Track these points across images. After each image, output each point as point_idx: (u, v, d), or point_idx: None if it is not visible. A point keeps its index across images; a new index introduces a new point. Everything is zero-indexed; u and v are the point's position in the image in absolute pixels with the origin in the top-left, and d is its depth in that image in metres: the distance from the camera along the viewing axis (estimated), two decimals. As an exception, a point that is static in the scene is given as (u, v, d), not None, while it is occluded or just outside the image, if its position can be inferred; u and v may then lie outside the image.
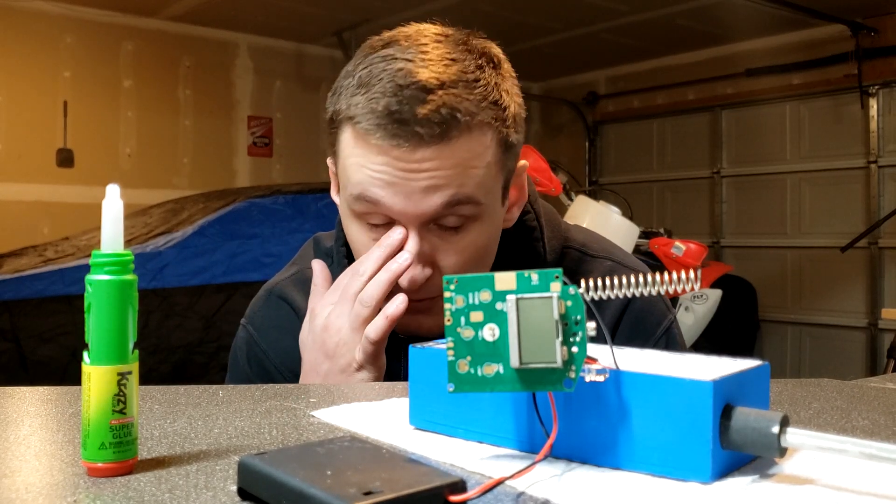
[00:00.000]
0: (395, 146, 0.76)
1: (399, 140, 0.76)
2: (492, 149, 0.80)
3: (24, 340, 2.93)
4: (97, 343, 0.46)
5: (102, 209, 0.47)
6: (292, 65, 5.62)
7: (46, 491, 0.43)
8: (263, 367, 0.96)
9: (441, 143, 0.76)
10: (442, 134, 0.76)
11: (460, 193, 0.78)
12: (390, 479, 0.39)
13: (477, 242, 0.83)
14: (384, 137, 0.76)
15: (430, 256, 0.81)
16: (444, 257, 0.81)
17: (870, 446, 0.42)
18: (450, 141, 0.77)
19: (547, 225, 0.95)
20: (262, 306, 0.99)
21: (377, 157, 0.78)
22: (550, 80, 6.53)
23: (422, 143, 0.76)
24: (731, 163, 5.49)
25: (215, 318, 3.15)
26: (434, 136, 0.76)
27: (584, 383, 0.46)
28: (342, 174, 0.83)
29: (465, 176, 0.78)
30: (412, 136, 0.75)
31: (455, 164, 0.77)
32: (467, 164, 0.78)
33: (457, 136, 0.77)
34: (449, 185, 0.78)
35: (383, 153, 0.77)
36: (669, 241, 3.38)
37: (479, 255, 0.84)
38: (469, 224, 0.81)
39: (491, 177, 0.81)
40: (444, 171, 0.77)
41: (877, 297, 4.76)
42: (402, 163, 0.77)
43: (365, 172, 0.79)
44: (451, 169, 0.77)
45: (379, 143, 0.77)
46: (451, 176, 0.77)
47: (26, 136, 4.66)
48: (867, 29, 4.65)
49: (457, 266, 0.82)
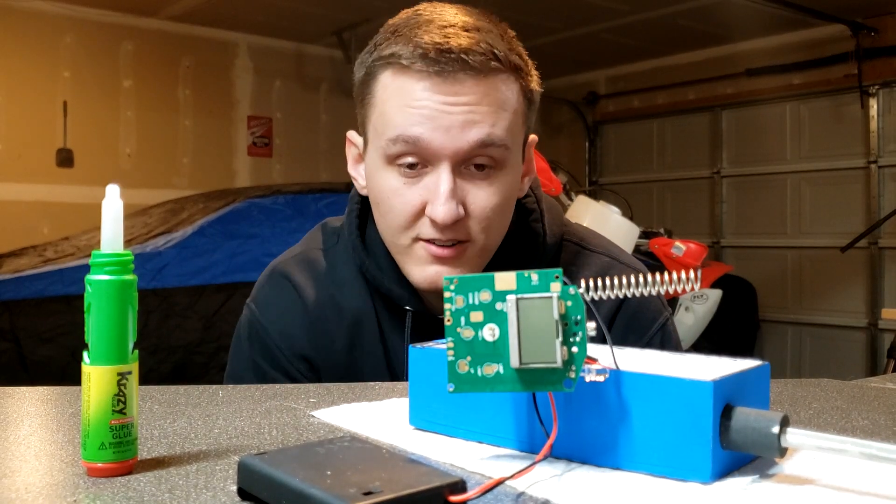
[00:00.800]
0: (437, 73, 0.80)
1: (442, 66, 0.80)
2: (519, 98, 0.85)
3: (24, 340, 2.93)
4: (97, 343, 0.46)
5: (102, 209, 0.47)
6: (292, 65, 5.62)
7: (46, 491, 0.43)
8: (265, 345, 0.96)
9: (480, 77, 0.81)
10: (482, 66, 0.80)
11: (494, 134, 0.82)
12: (390, 479, 0.39)
13: (503, 190, 0.86)
14: (429, 64, 0.80)
15: (462, 197, 0.84)
16: (475, 200, 0.84)
17: (870, 446, 0.42)
18: (487, 76, 0.81)
19: (548, 211, 0.97)
20: (265, 285, 1.00)
21: (419, 90, 0.81)
22: (550, 80, 6.51)
23: (463, 73, 0.80)
24: (731, 163, 5.49)
25: (215, 318, 3.15)
26: (476, 66, 0.80)
27: (584, 383, 0.46)
28: (377, 122, 0.85)
29: (498, 116, 0.82)
30: (455, 62, 0.79)
31: (491, 101, 0.82)
32: (500, 105, 0.83)
33: (494, 72, 0.82)
34: (484, 122, 0.81)
35: (426, 81, 0.81)
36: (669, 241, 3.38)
37: (504, 205, 0.87)
38: (496, 171, 0.85)
39: (517, 125, 0.86)
40: (482, 106, 0.81)
41: (877, 297, 4.75)
42: (442, 95, 0.80)
43: (405, 111, 0.82)
44: (488, 106, 0.81)
45: (422, 69, 0.80)
46: (487, 113, 0.81)
47: (26, 136, 4.66)
48: (867, 29, 4.64)
49: (485, 210, 0.84)
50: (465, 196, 0.84)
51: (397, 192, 0.85)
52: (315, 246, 1.00)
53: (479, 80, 0.81)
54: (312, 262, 0.98)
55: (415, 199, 0.84)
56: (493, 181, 0.85)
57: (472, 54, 0.80)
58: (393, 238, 0.88)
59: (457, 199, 0.83)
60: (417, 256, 0.86)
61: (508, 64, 0.83)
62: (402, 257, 0.88)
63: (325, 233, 1.01)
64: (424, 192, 0.84)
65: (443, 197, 0.82)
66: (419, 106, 0.81)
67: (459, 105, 0.81)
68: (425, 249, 0.85)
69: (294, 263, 0.99)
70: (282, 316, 0.96)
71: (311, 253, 0.99)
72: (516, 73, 0.85)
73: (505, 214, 0.88)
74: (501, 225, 0.88)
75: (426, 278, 0.86)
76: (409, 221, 0.85)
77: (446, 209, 0.81)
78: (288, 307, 0.96)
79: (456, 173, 0.83)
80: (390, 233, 0.88)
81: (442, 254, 0.85)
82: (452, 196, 0.82)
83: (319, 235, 1.01)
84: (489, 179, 0.84)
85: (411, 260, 0.87)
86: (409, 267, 0.88)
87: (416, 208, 0.84)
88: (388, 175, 0.85)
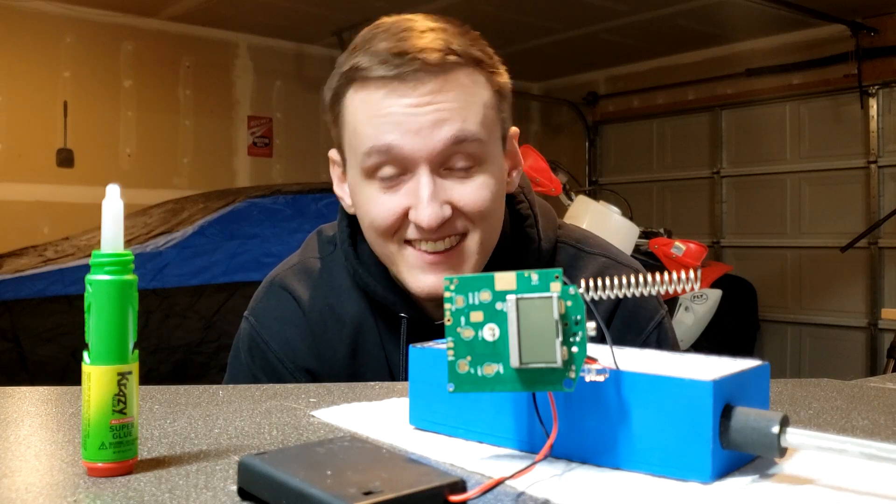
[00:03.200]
0: (397, 77, 0.80)
1: (400, 68, 0.80)
2: (487, 91, 0.85)
3: (24, 340, 2.93)
4: (97, 343, 0.46)
5: (102, 209, 0.47)
6: (292, 65, 5.62)
7: (46, 491, 0.43)
8: (265, 358, 0.95)
9: (440, 74, 0.81)
10: (440, 61, 0.80)
11: (465, 129, 0.81)
12: (390, 479, 0.39)
13: (489, 185, 0.85)
14: (388, 70, 0.80)
15: (447, 197, 0.83)
16: (462, 197, 0.84)
17: (870, 446, 0.42)
18: (448, 72, 0.81)
19: (541, 215, 0.96)
20: (263, 297, 0.99)
21: (382, 98, 0.81)
22: (550, 80, 6.53)
23: (423, 72, 0.80)
24: (731, 163, 5.48)
25: (215, 318, 3.14)
26: (433, 62, 0.80)
27: (584, 383, 0.46)
28: (351, 140, 0.86)
29: (467, 111, 0.82)
30: (413, 61, 0.79)
31: (456, 97, 0.81)
32: (467, 100, 0.82)
33: (454, 66, 0.81)
34: (453, 119, 0.81)
35: (387, 88, 0.81)
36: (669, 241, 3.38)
37: (492, 199, 0.86)
38: (477, 168, 0.84)
39: (490, 119, 0.85)
40: (448, 104, 0.81)
41: (877, 297, 4.75)
42: (406, 98, 0.80)
43: (373, 122, 0.82)
44: (454, 102, 0.81)
45: (382, 75, 0.80)
46: (455, 110, 0.81)
47: (26, 136, 4.66)
48: (867, 29, 4.64)
49: (474, 205, 0.84)
50: (450, 195, 0.83)
51: (378, 201, 0.84)
52: (312, 255, 0.99)
53: (441, 76, 0.81)
54: (310, 271, 0.97)
55: (397, 206, 0.83)
56: (477, 175, 0.84)
57: (429, 52, 0.80)
58: (382, 248, 0.87)
59: (440, 200, 0.82)
60: (410, 264, 0.85)
61: (468, 57, 0.83)
62: (395, 267, 0.88)
63: (321, 241, 1.00)
64: (405, 198, 0.83)
65: (425, 200, 0.81)
66: (385, 114, 0.81)
67: (425, 105, 0.80)
68: (418, 257, 0.85)
69: (292, 274, 0.98)
70: (283, 329, 0.95)
71: (309, 262, 0.98)
72: (479, 66, 0.84)
73: (496, 208, 0.87)
74: (495, 218, 0.88)
75: (423, 287, 0.85)
76: (392, 227, 0.84)
77: (430, 212, 0.81)
78: (288, 319, 0.95)
79: (436, 174, 0.82)
80: (378, 244, 0.88)
81: (436, 260, 0.84)
82: (434, 198, 0.81)
83: (316, 244, 1.00)
84: (473, 174, 0.84)
85: (405, 267, 0.86)
86: (403, 276, 0.87)
87: (399, 214, 0.83)
88: (369, 188, 0.85)
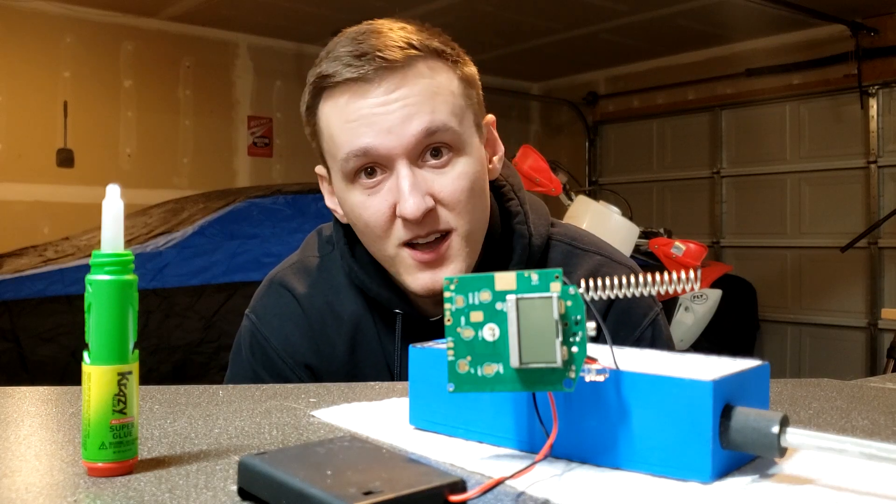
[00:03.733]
0: (360, 77, 0.82)
1: (362, 69, 0.81)
2: (452, 80, 0.86)
3: (24, 340, 2.93)
4: (97, 343, 0.46)
5: (102, 209, 0.47)
6: (292, 65, 5.62)
7: (46, 491, 0.43)
8: (266, 355, 0.96)
9: (403, 69, 0.82)
10: (402, 58, 0.82)
11: (436, 119, 0.83)
12: (390, 479, 0.39)
13: (468, 172, 0.86)
14: (352, 71, 0.82)
15: (428, 188, 0.84)
16: (442, 188, 0.85)
17: (870, 446, 0.42)
18: (409, 66, 0.83)
19: (533, 212, 0.97)
20: (264, 295, 1.00)
21: (350, 101, 0.83)
22: (550, 80, 6.53)
23: (384, 70, 0.81)
24: (731, 163, 5.48)
25: (215, 318, 3.14)
26: (392, 58, 0.81)
27: (584, 383, 0.46)
28: (330, 149, 0.87)
29: (434, 102, 0.83)
30: (372, 60, 0.81)
31: (421, 89, 0.83)
32: (433, 91, 0.83)
33: (414, 60, 0.83)
34: (422, 112, 0.82)
35: (352, 90, 0.83)
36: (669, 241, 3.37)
37: (473, 188, 0.86)
38: (455, 157, 0.85)
39: (459, 107, 0.86)
40: (414, 97, 0.82)
41: (877, 297, 4.75)
42: (372, 98, 0.82)
43: (346, 127, 0.84)
44: (420, 95, 0.82)
45: (347, 78, 0.82)
46: (422, 103, 0.82)
47: (26, 136, 4.65)
48: (867, 29, 4.64)
49: (455, 193, 0.85)
50: (430, 186, 0.84)
51: (364, 204, 0.86)
52: (311, 254, 1.00)
53: (402, 71, 0.82)
54: (310, 270, 0.98)
55: (383, 205, 0.85)
56: (455, 164, 0.85)
57: (387, 49, 0.81)
58: (379, 251, 0.89)
59: (421, 191, 0.83)
60: (406, 265, 0.87)
61: (428, 49, 0.84)
62: (394, 268, 0.89)
63: (320, 241, 1.02)
64: (389, 195, 0.84)
65: (406, 192, 0.82)
66: (356, 117, 0.83)
67: (392, 103, 0.82)
68: (411, 257, 0.86)
69: (292, 273, 0.99)
70: (283, 325, 0.96)
71: (308, 261, 1.00)
72: (440, 57, 0.85)
73: (478, 196, 0.88)
74: (479, 208, 0.88)
75: (421, 286, 0.87)
76: (384, 229, 0.86)
77: (413, 202, 0.82)
78: (288, 316, 0.96)
79: (415, 167, 0.84)
80: (375, 247, 0.89)
81: (427, 258, 0.85)
82: (416, 189, 0.82)
83: (315, 243, 1.02)
84: (451, 164, 0.85)
85: (403, 269, 0.87)
86: (402, 277, 0.88)
87: (387, 213, 0.85)
88: (354, 192, 0.86)
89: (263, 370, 0.95)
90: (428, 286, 0.86)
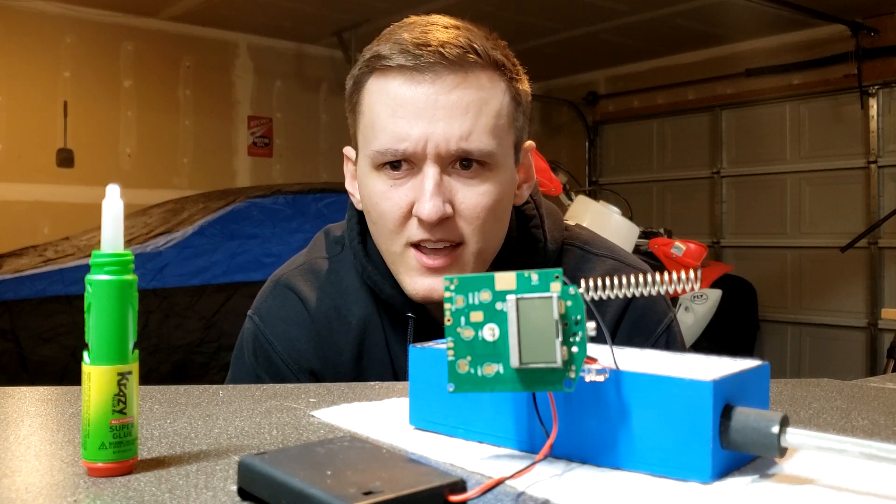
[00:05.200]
0: (415, 66, 0.80)
1: (420, 59, 0.80)
2: (505, 99, 0.85)
3: (24, 340, 2.93)
4: (97, 343, 0.46)
5: (102, 209, 0.47)
6: (292, 65, 5.62)
7: (46, 491, 0.43)
8: (270, 359, 0.94)
9: (459, 71, 0.81)
10: (459, 58, 0.80)
11: (476, 132, 0.81)
12: (390, 479, 0.39)
13: (493, 192, 0.85)
14: (408, 59, 0.81)
15: (450, 196, 0.83)
16: (464, 199, 0.83)
17: (870, 446, 0.42)
18: (468, 70, 0.81)
19: (548, 216, 0.96)
20: (268, 296, 0.98)
21: (400, 87, 0.82)
22: (550, 80, 6.53)
23: (442, 67, 0.80)
24: (731, 163, 5.48)
25: (215, 318, 3.15)
26: (452, 58, 0.80)
27: (584, 383, 0.46)
28: (365, 127, 0.86)
29: (481, 112, 0.82)
30: (433, 54, 0.80)
31: (473, 97, 0.81)
32: (484, 101, 0.82)
33: (473, 66, 0.82)
34: (466, 121, 0.81)
35: (405, 77, 0.81)
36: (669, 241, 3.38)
37: (495, 208, 0.85)
38: (485, 173, 0.84)
39: (503, 128, 0.85)
40: (463, 103, 0.81)
41: (877, 297, 4.75)
42: (423, 89, 0.81)
43: (388, 109, 0.82)
44: (468, 103, 0.81)
45: (402, 64, 0.81)
46: (468, 111, 0.81)
47: (26, 136, 4.66)
48: (867, 29, 4.64)
49: (475, 209, 0.84)
50: (453, 195, 0.83)
51: (384, 194, 0.84)
52: (319, 255, 0.98)
53: (460, 73, 0.81)
54: (317, 272, 0.96)
55: (402, 201, 0.83)
56: (482, 180, 0.84)
57: (450, 47, 0.80)
58: (386, 245, 0.87)
59: (443, 196, 0.82)
60: (409, 266, 0.85)
61: (488, 59, 0.83)
62: (395, 266, 0.88)
63: (329, 241, 1.00)
64: (411, 192, 0.83)
65: (428, 193, 0.81)
66: (401, 102, 0.82)
67: (439, 102, 0.81)
68: (416, 259, 0.85)
69: (298, 274, 0.97)
70: (287, 329, 0.94)
71: (316, 262, 0.97)
72: (499, 70, 0.84)
73: (498, 218, 0.87)
74: (495, 229, 0.87)
75: (418, 290, 0.85)
76: (398, 224, 0.84)
77: (432, 205, 0.81)
78: (293, 319, 0.94)
79: (443, 172, 0.83)
80: (383, 239, 0.87)
81: (433, 264, 0.84)
82: (438, 192, 0.81)
83: (323, 244, 1.00)
84: (479, 178, 0.84)
85: (403, 269, 0.86)
86: (401, 276, 0.87)
87: (404, 210, 0.83)
88: (377, 180, 0.85)
89: (265, 374, 0.94)
90: (426, 292, 0.85)
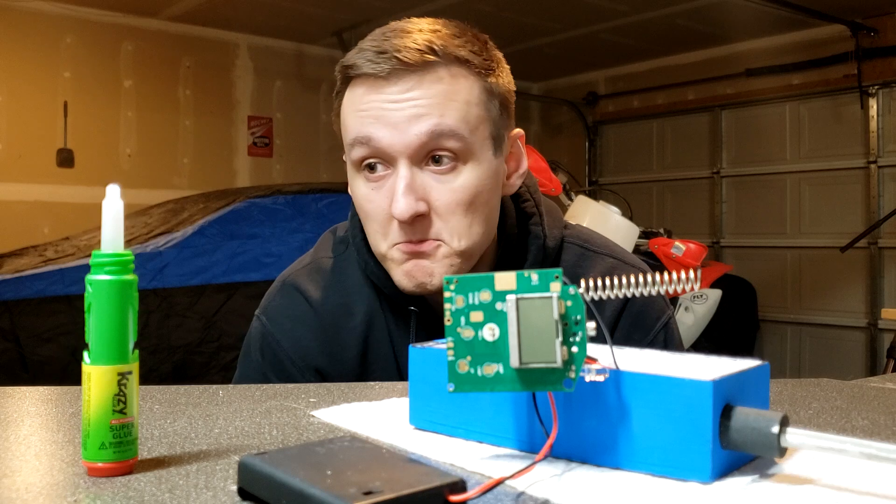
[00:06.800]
0: (378, 73, 0.82)
1: (380, 66, 0.82)
2: (474, 89, 0.85)
3: (24, 340, 2.93)
4: (97, 343, 0.46)
5: (102, 209, 0.47)
6: (292, 65, 5.62)
7: (46, 491, 0.43)
8: (277, 357, 0.95)
9: (419, 72, 0.82)
10: (416, 60, 0.82)
11: (443, 124, 0.82)
12: (390, 479, 0.39)
13: (469, 185, 0.84)
14: (371, 67, 0.83)
15: (424, 193, 0.84)
16: (438, 196, 0.84)
17: (870, 446, 0.42)
18: (426, 70, 0.82)
19: (547, 213, 0.97)
20: (275, 296, 0.99)
21: (365, 93, 0.84)
22: (550, 80, 6.53)
23: (402, 71, 0.82)
24: (731, 163, 5.49)
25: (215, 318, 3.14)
26: (408, 61, 0.81)
27: (584, 383, 0.46)
28: (344, 137, 0.88)
29: (445, 107, 0.83)
30: (390, 60, 0.82)
31: (435, 94, 0.82)
32: (447, 96, 0.83)
33: (432, 65, 0.83)
34: (430, 115, 0.82)
35: (369, 83, 0.84)
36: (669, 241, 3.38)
37: (472, 202, 0.85)
38: (460, 165, 0.84)
39: (474, 116, 0.85)
40: (425, 100, 0.82)
41: (877, 297, 4.75)
42: (385, 94, 0.83)
43: (357, 115, 0.85)
44: (432, 98, 0.82)
45: (367, 72, 0.83)
46: (432, 105, 0.82)
47: (26, 136, 4.65)
48: (867, 29, 4.64)
49: (450, 205, 0.84)
50: (427, 192, 0.84)
51: (367, 197, 0.86)
52: (325, 254, 1.00)
53: (418, 73, 0.82)
54: (323, 271, 0.98)
55: (383, 202, 0.85)
56: (456, 175, 0.84)
57: (406, 51, 0.82)
58: (376, 246, 0.88)
59: (415, 194, 0.83)
60: (396, 260, 0.87)
61: (449, 56, 0.83)
62: (386, 264, 0.89)
63: (335, 240, 1.01)
64: (388, 192, 0.84)
65: (398, 192, 0.82)
66: (367, 108, 0.84)
67: (402, 101, 0.82)
68: (399, 250, 0.86)
69: (305, 274, 0.98)
70: (294, 327, 0.95)
71: (322, 262, 0.99)
72: (464, 65, 0.84)
73: (478, 212, 0.86)
74: (476, 224, 0.86)
75: (405, 273, 0.86)
76: (382, 225, 0.86)
77: (402, 203, 0.81)
78: (299, 318, 0.95)
79: (415, 168, 0.83)
80: (373, 241, 0.89)
81: (413, 249, 0.85)
82: (408, 191, 0.82)
83: (329, 243, 1.01)
84: (452, 173, 0.84)
85: (393, 264, 0.87)
86: (392, 272, 0.88)
87: (386, 211, 0.85)
88: (360, 184, 0.87)
89: (272, 372, 0.95)
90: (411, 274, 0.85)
